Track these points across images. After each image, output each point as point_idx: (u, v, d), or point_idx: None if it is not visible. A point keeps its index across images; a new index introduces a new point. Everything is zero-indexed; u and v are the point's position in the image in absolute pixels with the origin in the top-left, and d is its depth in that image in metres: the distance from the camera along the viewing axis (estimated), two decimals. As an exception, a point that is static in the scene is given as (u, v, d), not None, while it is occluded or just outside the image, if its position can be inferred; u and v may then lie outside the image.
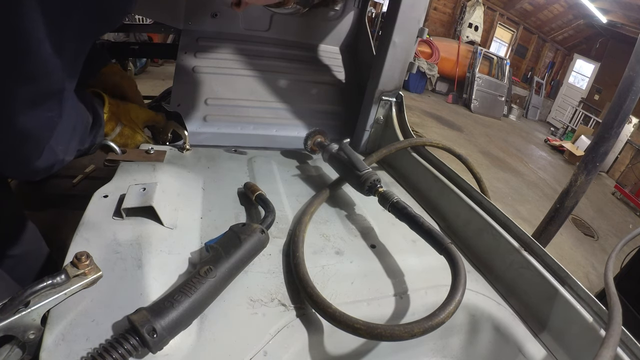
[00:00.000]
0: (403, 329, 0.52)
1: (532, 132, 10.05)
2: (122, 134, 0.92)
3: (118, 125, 0.91)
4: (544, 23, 11.74)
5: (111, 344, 0.42)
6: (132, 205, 0.65)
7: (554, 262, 0.70)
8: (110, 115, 0.88)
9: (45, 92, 0.50)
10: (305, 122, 1.27)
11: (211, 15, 1.20)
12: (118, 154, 0.88)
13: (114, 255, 0.58)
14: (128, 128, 0.94)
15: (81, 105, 0.71)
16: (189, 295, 0.48)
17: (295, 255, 0.66)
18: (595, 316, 0.63)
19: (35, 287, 0.43)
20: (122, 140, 0.93)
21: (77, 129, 0.68)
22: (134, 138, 0.96)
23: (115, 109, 0.90)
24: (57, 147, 0.60)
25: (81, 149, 0.73)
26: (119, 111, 0.92)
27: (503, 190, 5.11)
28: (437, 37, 9.97)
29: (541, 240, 2.16)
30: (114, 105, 0.90)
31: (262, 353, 0.51)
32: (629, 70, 1.81)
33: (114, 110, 0.90)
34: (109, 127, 0.88)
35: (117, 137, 0.91)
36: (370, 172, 0.85)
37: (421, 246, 0.72)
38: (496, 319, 0.69)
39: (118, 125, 0.91)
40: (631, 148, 7.53)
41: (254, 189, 0.81)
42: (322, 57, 1.40)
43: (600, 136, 1.97)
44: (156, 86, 4.73)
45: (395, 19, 1.06)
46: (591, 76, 11.25)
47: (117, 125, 0.91)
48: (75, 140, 0.67)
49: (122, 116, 0.92)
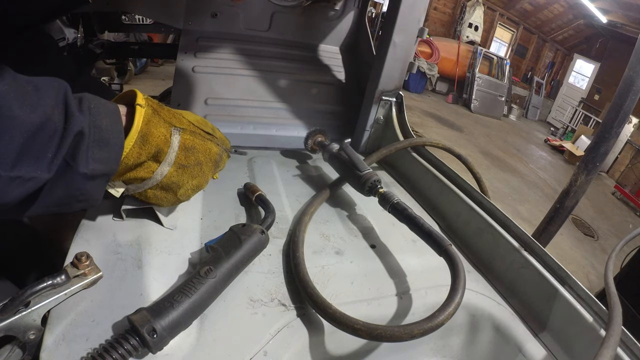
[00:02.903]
0: (403, 330, 0.52)
1: (532, 132, 10.05)
2: (185, 146, 0.56)
3: (174, 132, 0.54)
4: (544, 23, 11.74)
5: (111, 344, 0.42)
6: (132, 206, 0.65)
7: (554, 262, 0.70)
8: (150, 118, 0.52)
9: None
10: (305, 122, 1.27)
11: (211, 15, 1.20)
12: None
13: (114, 255, 0.58)
14: (190, 134, 0.57)
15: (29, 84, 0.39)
16: (189, 295, 0.48)
17: (295, 255, 0.66)
18: (595, 316, 0.63)
19: (35, 287, 0.43)
20: (190, 158, 0.57)
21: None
22: (205, 147, 0.59)
23: (159, 109, 0.54)
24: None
25: (35, 173, 0.39)
26: (164, 113, 0.55)
27: (503, 190, 5.11)
28: (437, 37, 9.97)
29: (541, 240, 2.16)
30: (155, 105, 0.54)
31: (262, 353, 0.51)
32: (629, 70, 1.81)
33: (156, 110, 0.54)
34: (157, 136, 0.52)
35: (181, 153, 0.55)
36: (371, 172, 0.85)
37: (421, 246, 0.72)
38: (496, 319, 0.69)
39: (174, 133, 0.54)
40: (631, 148, 7.53)
41: (253, 189, 0.81)
42: (322, 57, 1.40)
43: (600, 136, 1.97)
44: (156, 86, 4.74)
45: (395, 19, 1.06)
46: (591, 76, 11.25)
47: (173, 132, 0.54)
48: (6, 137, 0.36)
49: (174, 119, 0.56)
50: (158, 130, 0.52)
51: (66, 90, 0.43)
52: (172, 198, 0.60)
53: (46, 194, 0.42)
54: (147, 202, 0.61)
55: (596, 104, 10.47)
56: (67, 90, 0.43)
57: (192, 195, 0.62)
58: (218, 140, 0.64)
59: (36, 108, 0.38)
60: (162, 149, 0.53)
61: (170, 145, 0.54)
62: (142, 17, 1.71)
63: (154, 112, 0.53)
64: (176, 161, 0.55)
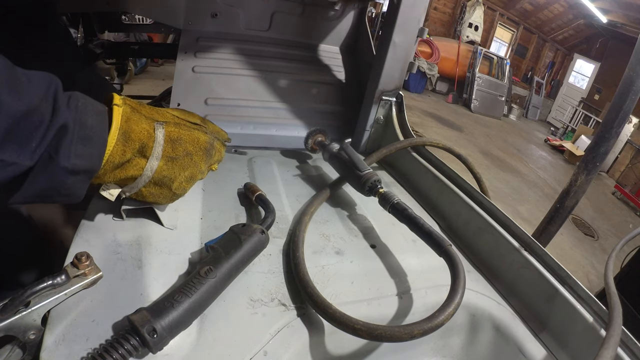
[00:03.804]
0: (403, 330, 0.52)
1: (532, 132, 10.05)
2: (170, 138, 0.56)
3: (157, 126, 0.55)
4: (544, 23, 11.74)
5: (111, 344, 0.42)
6: (133, 206, 0.65)
7: (554, 262, 0.70)
8: (129, 116, 0.52)
9: None
10: (305, 122, 1.27)
11: (211, 15, 1.20)
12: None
13: (114, 255, 0.58)
14: (175, 126, 0.57)
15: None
16: (189, 295, 0.48)
17: (295, 255, 0.66)
18: (596, 316, 0.63)
19: (35, 287, 0.43)
20: (178, 149, 0.57)
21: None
22: (192, 137, 0.59)
23: (138, 108, 0.55)
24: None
25: (17, 159, 0.40)
26: (145, 110, 0.56)
27: (503, 190, 5.11)
28: (437, 37, 9.97)
29: (541, 240, 2.17)
30: (133, 104, 0.55)
31: (262, 353, 0.51)
32: (629, 70, 1.81)
33: (135, 108, 0.54)
34: (139, 132, 0.52)
35: (167, 145, 0.55)
36: (371, 172, 0.85)
37: (421, 246, 0.72)
38: (496, 319, 0.69)
39: (157, 127, 0.55)
40: (631, 148, 7.53)
41: (254, 189, 0.81)
42: (322, 57, 1.40)
43: (600, 136, 1.97)
44: (156, 86, 4.74)
45: (395, 19, 1.06)
46: (591, 76, 11.26)
47: (156, 127, 0.55)
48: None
49: (157, 114, 0.57)
50: (139, 126, 0.53)
51: (57, 86, 0.45)
52: (168, 193, 0.60)
53: (29, 184, 0.43)
54: (145, 201, 0.61)
55: (596, 103, 10.47)
56: (58, 86, 0.45)
57: (188, 188, 0.62)
58: (206, 129, 0.63)
59: (24, 96, 0.40)
60: (146, 143, 0.54)
61: (155, 139, 0.55)
62: (142, 17, 1.71)
63: (133, 110, 0.54)
64: (164, 154, 0.56)
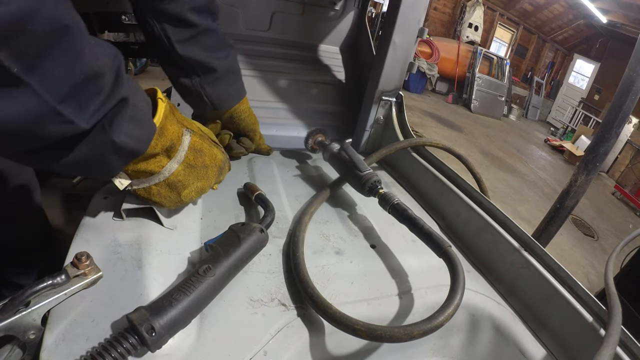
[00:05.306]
0: (402, 330, 0.52)
1: (532, 132, 10.04)
2: (194, 147, 0.59)
3: (186, 132, 0.58)
4: (544, 23, 11.74)
5: (110, 342, 0.42)
6: (132, 206, 0.65)
7: (554, 262, 0.70)
8: (167, 113, 0.54)
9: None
10: (305, 122, 1.27)
11: (211, 16, 1.20)
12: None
13: (114, 255, 0.58)
14: (200, 137, 0.62)
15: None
16: (188, 294, 0.48)
17: (295, 255, 0.66)
18: (595, 316, 0.63)
19: (35, 287, 0.43)
20: (198, 159, 0.60)
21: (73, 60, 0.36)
22: (212, 152, 0.63)
23: (173, 110, 0.59)
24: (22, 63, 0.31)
25: (75, 118, 0.38)
26: (177, 114, 0.60)
27: (503, 190, 5.11)
28: (437, 37, 9.96)
29: (541, 240, 2.16)
30: (171, 105, 0.58)
31: (262, 353, 0.51)
32: (629, 70, 1.81)
33: (172, 108, 0.58)
34: (172, 132, 0.55)
35: (190, 153, 0.59)
36: (371, 173, 0.85)
37: (421, 246, 0.72)
38: (496, 319, 0.69)
39: (186, 133, 0.58)
40: (631, 148, 7.52)
41: (253, 189, 0.81)
42: (322, 57, 1.40)
43: (600, 136, 1.97)
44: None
45: (395, 19, 1.06)
46: (591, 76, 11.24)
47: (185, 132, 0.58)
48: (71, 81, 0.36)
49: (186, 121, 0.61)
50: (173, 126, 0.55)
51: (121, 60, 0.45)
52: (176, 198, 0.60)
53: (77, 150, 0.42)
54: (149, 200, 0.60)
55: (596, 104, 10.47)
56: (122, 60, 0.45)
57: (195, 198, 0.64)
58: (222, 149, 0.67)
59: (99, 59, 0.40)
60: (174, 144, 0.56)
61: (182, 144, 0.57)
62: (142, 17, 1.70)
63: (171, 109, 0.56)
64: (185, 160, 0.58)
